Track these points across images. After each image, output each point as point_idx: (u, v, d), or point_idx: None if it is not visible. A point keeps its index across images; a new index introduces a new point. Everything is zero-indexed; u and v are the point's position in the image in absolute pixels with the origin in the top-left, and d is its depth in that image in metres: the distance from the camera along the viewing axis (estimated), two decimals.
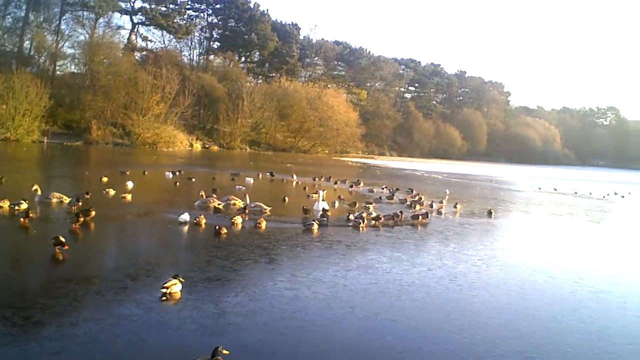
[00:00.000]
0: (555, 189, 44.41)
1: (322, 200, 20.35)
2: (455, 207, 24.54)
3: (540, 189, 44.23)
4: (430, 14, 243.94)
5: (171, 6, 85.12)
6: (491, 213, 23.41)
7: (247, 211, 18.01)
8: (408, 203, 24.27)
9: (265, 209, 18.52)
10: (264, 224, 16.04)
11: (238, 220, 16.15)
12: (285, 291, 9.97)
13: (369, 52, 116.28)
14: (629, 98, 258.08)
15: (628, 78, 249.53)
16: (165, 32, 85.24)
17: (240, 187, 24.17)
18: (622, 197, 41.44)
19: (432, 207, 23.72)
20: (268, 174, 34.55)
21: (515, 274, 12.94)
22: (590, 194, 42.08)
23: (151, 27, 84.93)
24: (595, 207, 32.19)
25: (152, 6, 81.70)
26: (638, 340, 8.89)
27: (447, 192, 30.94)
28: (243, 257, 12.35)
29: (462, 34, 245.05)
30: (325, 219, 17.58)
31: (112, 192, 20.00)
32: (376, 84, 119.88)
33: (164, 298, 8.91)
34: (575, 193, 41.93)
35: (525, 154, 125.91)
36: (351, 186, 31.42)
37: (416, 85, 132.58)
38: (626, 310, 10.61)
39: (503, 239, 18.50)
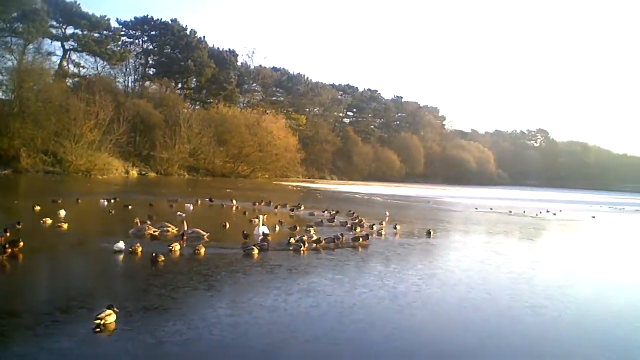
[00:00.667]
0: (491, 209, 45.64)
1: (263, 225, 20.16)
2: (395, 228, 24.83)
3: (477, 209, 45.36)
4: (366, 41, 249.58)
5: (105, 32, 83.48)
6: (430, 233, 23.78)
7: (185, 238, 17.61)
8: (349, 226, 24.36)
9: (204, 235, 18.16)
10: (203, 251, 15.70)
11: (176, 247, 15.76)
12: (225, 318, 9.73)
13: (308, 78, 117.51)
14: (557, 121, 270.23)
15: (556, 101, 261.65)
16: (98, 58, 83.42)
17: (181, 214, 23.68)
18: (554, 214, 43.01)
19: (372, 229, 23.88)
20: (207, 200, 34.03)
21: (454, 292, 13.13)
22: (524, 212, 43.48)
23: (84, 54, 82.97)
24: (529, 225, 33.25)
25: (85, 32, 79.92)
26: (571, 352, 9.11)
27: (387, 214, 31.28)
28: (181, 285, 12.01)
29: (397, 61, 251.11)
30: (265, 243, 17.39)
31: (49, 221, 19.20)
32: (315, 110, 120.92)
33: (98, 330, 8.51)
34: (510, 212, 43.22)
35: (461, 176, 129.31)
36: (292, 210, 31.31)
37: (354, 110, 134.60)
38: (559, 323, 10.90)
39: (442, 258, 18.78)
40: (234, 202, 32.96)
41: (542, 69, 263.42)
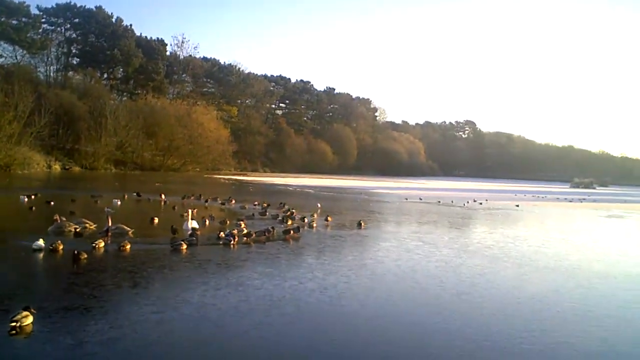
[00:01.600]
0: (421, 199, 46.72)
1: (192, 219, 19.78)
2: (326, 220, 24.97)
3: (407, 199, 46.30)
4: (297, 31, 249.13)
5: (24, 19, 79.45)
6: (361, 224, 24.06)
7: (109, 234, 17.03)
8: (280, 218, 24.29)
9: (128, 231, 17.61)
10: (128, 247, 15.23)
11: (100, 244, 15.24)
12: (149, 315, 9.48)
13: (239, 69, 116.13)
14: (484, 112, 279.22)
15: (483, 93, 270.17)
16: (17, 46, 79.35)
17: (109, 209, 22.89)
18: (480, 204, 44.48)
19: (304, 221, 23.92)
20: (135, 194, 33.08)
21: (383, 282, 13.33)
22: (452, 202, 44.74)
23: (1, 42, 78.72)
24: (456, 214, 34.24)
25: (2, 19, 75.79)
26: (493, 336, 9.41)
27: (319, 205, 31.41)
28: (104, 283, 11.62)
29: (329, 52, 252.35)
30: (194, 238, 17.07)
31: None
32: (247, 101, 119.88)
33: (14, 332, 8.10)
34: (439, 202, 44.37)
35: (393, 167, 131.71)
36: (223, 204, 30.93)
37: (287, 102, 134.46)
38: (483, 309, 11.25)
39: (372, 248, 19.02)
40: (163, 196, 32.17)
41: (470, 61, 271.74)
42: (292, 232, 19.69)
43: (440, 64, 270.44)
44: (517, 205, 44.74)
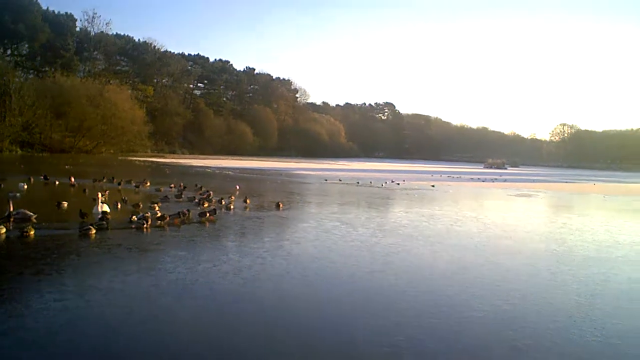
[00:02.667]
0: (340, 180, 47.25)
1: (103, 202, 18.98)
2: (245, 202, 24.72)
3: (326, 180, 46.68)
4: (216, 8, 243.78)
5: None
6: (279, 206, 24.01)
7: (11, 219, 16.05)
8: (197, 201, 23.79)
9: (31, 216, 16.64)
10: (32, 233, 14.42)
11: (2, 230, 14.36)
12: (53, 303, 9.01)
13: (154, 46, 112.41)
14: (403, 94, 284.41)
15: (401, 75, 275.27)
16: None
17: (13, 193, 21.57)
18: (398, 184, 45.52)
19: (221, 203, 23.55)
20: (42, 177, 31.40)
21: (298, 262, 13.33)
22: (371, 183, 45.52)
23: None
24: (375, 195, 34.85)
25: None
26: (405, 312, 9.62)
27: (237, 187, 31.05)
28: (4, 270, 10.98)
29: (247, 30, 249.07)
30: (104, 222, 16.41)
31: None
32: (163, 80, 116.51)
33: None
34: (358, 183, 45.04)
35: (314, 148, 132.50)
36: (137, 186, 29.93)
37: (205, 81, 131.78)
38: (396, 286, 11.48)
39: (290, 230, 19.00)
40: (72, 179, 30.66)
41: (389, 43, 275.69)
42: (208, 214, 19.35)
43: (360, 45, 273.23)
44: (433, 186, 46.12)
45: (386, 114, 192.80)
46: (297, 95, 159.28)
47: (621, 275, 13.48)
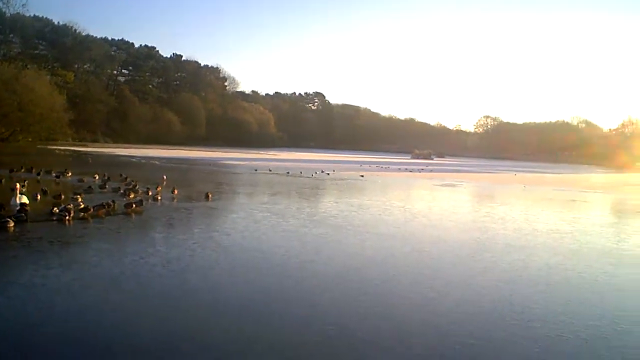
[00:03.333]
0: (270, 170, 47.10)
1: (21, 193, 18.04)
2: (172, 192, 24.20)
3: (256, 170, 46.39)
4: None
5: None
6: (208, 196, 23.67)
7: None
8: (122, 191, 23.07)
9: None
10: None
11: None
12: None
13: (75, 30, 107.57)
14: (333, 84, 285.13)
15: (331, 65, 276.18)
16: None
17: None
18: (328, 174, 45.88)
19: (148, 194, 22.95)
20: None
21: (228, 253, 13.20)
22: (301, 173, 45.62)
23: None
24: (305, 185, 34.96)
25: None
26: (333, 302, 9.71)
27: (165, 177, 30.34)
28: None
29: (175, 16, 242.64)
30: (23, 214, 15.61)
31: None
32: (85, 66, 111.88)
33: None
34: (288, 173, 45.03)
35: (243, 138, 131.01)
36: (57, 177, 28.67)
37: (130, 68, 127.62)
38: (325, 276, 11.58)
39: (219, 220, 18.80)
40: None
41: (317, 32, 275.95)
42: (134, 205, 18.82)
43: (289, 34, 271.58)
44: (362, 176, 46.77)
45: (316, 104, 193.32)
46: (226, 84, 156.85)
47: (539, 262, 14.14)
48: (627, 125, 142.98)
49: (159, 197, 22.59)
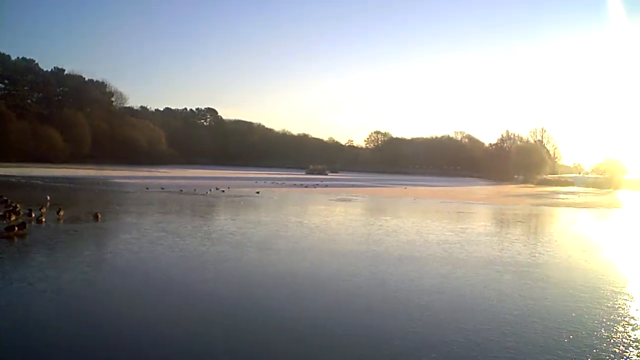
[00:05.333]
0: (163, 188, 45.77)
1: None
2: (58, 213, 22.88)
3: (148, 188, 44.88)
4: (18, 4, 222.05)
5: None
6: (97, 216, 22.63)
7: None
8: (1, 214, 21.47)
9: None
10: None
11: None
12: None
13: None
14: (225, 100, 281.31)
15: (222, 80, 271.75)
16: None
17: None
18: (223, 191, 45.30)
19: (30, 216, 21.55)
20: None
21: (124, 276, 12.74)
22: (195, 190, 44.72)
23: None
24: (199, 203, 34.34)
25: None
26: (236, 319, 9.63)
27: (48, 198, 28.60)
28: None
29: (58, 28, 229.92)
30: None
31: None
32: None
33: None
34: (181, 191, 44.00)
35: (132, 155, 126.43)
36: None
37: (6, 82, 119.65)
38: (228, 294, 11.45)
39: (111, 242, 18.03)
40: None
41: (206, 47, 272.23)
42: (16, 228, 17.64)
43: (178, 47, 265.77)
44: (258, 192, 46.64)
45: (208, 119, 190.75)
46: (112, 99, 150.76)
47: (432, 272, 14.81)
48: (505, 140, 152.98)
49: (43, 219, 21.26)
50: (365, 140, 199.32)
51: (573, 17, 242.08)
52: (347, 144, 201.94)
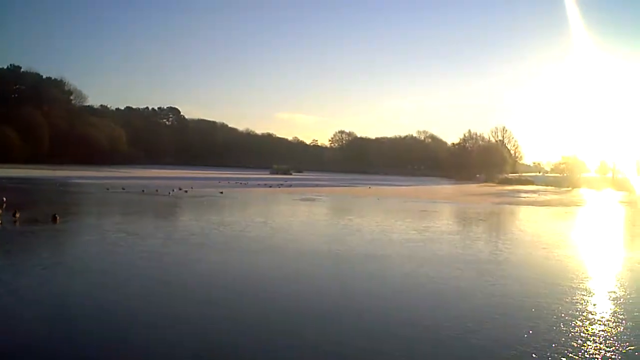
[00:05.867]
0: (124, 189, 44.98)
1: None
2: (14, 215, 22.21)
3: (108, 189, 44.07)
4: None
5: None
6: (56, 218, 22.05)
7: None
8: None
9: None
10: None
11: None
12: None
13: None
14: (187, 98, 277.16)
15: (186, 78, 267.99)
16: None
17: None
18: (186, 191, 44.76)
19: None
20: None
21: (82, 278, 12.41)
22: (157, 191, 44.06)
23: None
24: (161, 203, 33.91)
25: None
26: (196, 322, 9.49)
27: (4, 199, 27.75)
28: None
29: (12, 23, 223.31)
30: None
31: None
32: None
33: None
34: (143, 191, 43.32)
35: (92, 155, 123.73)
36: None
37: None
38: (188, 296, 11.29)
39: (70, 244, 17.69)
40: None
41: (170, 44, 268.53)
42: None
43: (138, 46, 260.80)
44: (221, 192, 46.21)
45: (170, 119, 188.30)
46: (72, 98, 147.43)
47: (396, 270, 14.92)
48: (467, 140, 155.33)
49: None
50: (329, 140, 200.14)
51: (532, 20, 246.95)
52: (311, 144, 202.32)
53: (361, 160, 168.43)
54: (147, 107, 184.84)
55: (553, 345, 8.73)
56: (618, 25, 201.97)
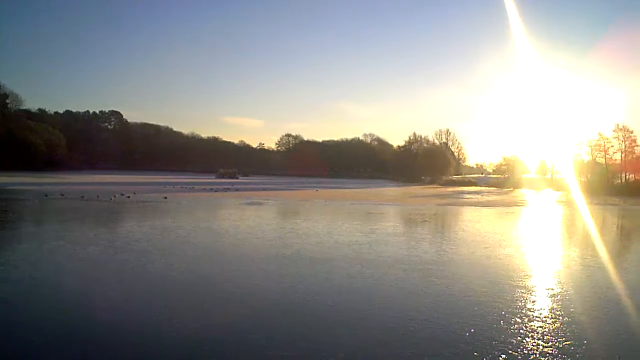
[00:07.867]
0: (63, 195, 43.59)
1: None
2: None
3: (47, 195, 42.58)
4: None
5: None
6: None
7: None
8: None
9: None
10: None
11: None
12: None
13: None
14: (130, 102, 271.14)
15: (128, 81, 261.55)
16: None
17: None
18: (129, 197, 43.71)
19: None
20: None
21: (18, 288, 11.92)
22: (98, 196, 42.87)
23: None
24: (102, 210, 32.96)
25: None
26: (137, 330, 9.26)
27: None
28: None
29: None
30: None
31: None
32: None
33: None
34: (83, 197, 42.03)
35: (29, 160, 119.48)
36: None
37: None
38: (129, 304, 11.00)
39: (5, 252, 16.92)
40: None
41: (111, 46, 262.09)
42: None
43: (77, 48, 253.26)
44: (166, 197, 45.39)
45: (112, 123, 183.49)
46: (7, 101, 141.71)
47: (341, 272, 14.96)
48: (412, 142, 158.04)
49: None
50: (276, 144, 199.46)
51: (477, 23, 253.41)
52: (258, 147, 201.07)
53: (308, 163, 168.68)
54: (87, 111, 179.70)
55: (494, 342, 8.95)
56: (557, 38, 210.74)
